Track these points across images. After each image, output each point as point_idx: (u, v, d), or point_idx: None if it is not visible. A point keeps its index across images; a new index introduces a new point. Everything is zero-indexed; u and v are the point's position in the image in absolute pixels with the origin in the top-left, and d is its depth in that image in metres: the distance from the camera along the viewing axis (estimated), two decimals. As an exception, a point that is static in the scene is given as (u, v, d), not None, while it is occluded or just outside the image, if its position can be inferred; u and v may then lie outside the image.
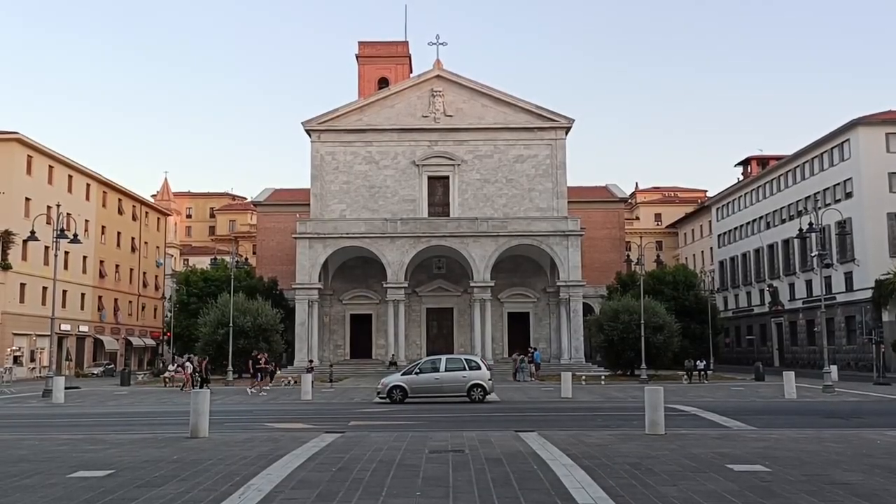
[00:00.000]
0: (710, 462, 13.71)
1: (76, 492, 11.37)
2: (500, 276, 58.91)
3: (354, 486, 11.64)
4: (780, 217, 73.04)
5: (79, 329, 70.03)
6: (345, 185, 61.97)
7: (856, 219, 58.89)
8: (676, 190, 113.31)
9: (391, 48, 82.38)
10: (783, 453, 14.78)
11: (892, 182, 59.44)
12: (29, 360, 62.81)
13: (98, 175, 74.23)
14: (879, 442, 16.47)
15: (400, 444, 16.28)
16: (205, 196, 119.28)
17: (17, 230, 57.05)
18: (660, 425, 18.17)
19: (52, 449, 16.21)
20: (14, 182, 60.57)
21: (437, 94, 62.52)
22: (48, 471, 13.25)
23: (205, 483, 11.98)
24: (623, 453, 14.85)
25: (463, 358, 34.57)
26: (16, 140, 61.42)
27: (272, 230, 71.34)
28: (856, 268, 60.53)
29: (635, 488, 11.36)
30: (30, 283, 61.60)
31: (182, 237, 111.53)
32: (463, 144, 62.32)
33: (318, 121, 62.34)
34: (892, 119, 61.05)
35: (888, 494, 10.93)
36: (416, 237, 57.68)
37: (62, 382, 35.65)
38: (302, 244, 57.75)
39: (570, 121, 62.53)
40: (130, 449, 16.13)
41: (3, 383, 45.46)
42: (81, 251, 66.93)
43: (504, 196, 61.78)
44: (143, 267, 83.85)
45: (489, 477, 12.26)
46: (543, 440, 16.48)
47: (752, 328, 79.89)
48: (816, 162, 67.06)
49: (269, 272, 66.95)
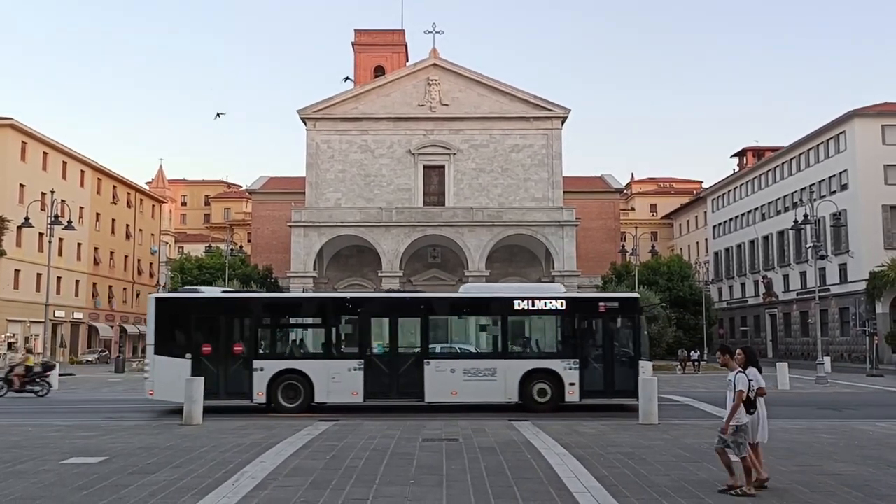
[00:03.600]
0: (703, 452, 13.77)
1: (70, 478, 11.37)
2: (495, 266, 58.93)
3: (348, 473, 11.66)
4: (775, 208, 73.09)
5: (73, 316, 69.93)
6: (340, 174, 61.87)
7: (851, 211, 58.97)
8: (672, 181, 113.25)
9: (387, 36, 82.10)
10: (776, 444, 14.81)
11: (888, 174, 59.47)
12: (23, 346, 62.69)
13: (93, 162, 73.97)
14: (872, 433, 16.56)
15: (394, 432, 16.31)
16: (200, 184, 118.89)
17: (11, 216, 56.82)
18: (653, 415, 18.25)
19: (45, 435, 16.20)
20: (8, 168, 60.31)
21: (433, 82, 62.37)
22: (42, 457, 13.25)
23: (198, 470, 12.00)
24: (616, 443, 14.90)
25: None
26: (10, 126, 61.11)
27: (267, 218, 71.19)
28: (850, 259, 60.66)
29: (628, 477, 11.41)
30: (24, 270, 61.45)
31: (177, 225, 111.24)
32: (459, 133, 62.22)
33: (313, 109, 62.17)
34: (888, 111, 61.06)
35: (880, 485, 11.00)
36: (412, 226, 57.63)
37: (56, 369, 35.55)
38: (297, 232, 57.68)
39: (566, 111, 62.47)
40: (124, 436, 16.14)
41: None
42: (76, 238, 66.77)
43: (499, 186, 61.76)
44: (137, 254, 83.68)
45: (483, 466, 12.29)
46: (537, 429, 16.53)
47: (746, 319, 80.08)
48: (812, 153, 67.08)
49: (264, 260, 66.84)
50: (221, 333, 22.48)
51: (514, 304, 22.41)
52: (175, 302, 23.75)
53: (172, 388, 20.80)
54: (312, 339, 23.48)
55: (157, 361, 21.95)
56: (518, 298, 22.57)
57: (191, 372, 20.88)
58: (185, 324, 22.76)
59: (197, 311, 23.09)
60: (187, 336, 22.46)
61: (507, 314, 22.57)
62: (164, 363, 21.79)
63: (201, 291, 24.62)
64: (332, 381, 21.69)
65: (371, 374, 21.75)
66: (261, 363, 21.75)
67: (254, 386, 21.64)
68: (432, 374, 21.74)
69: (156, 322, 22.32)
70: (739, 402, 10.32)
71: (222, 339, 22.27)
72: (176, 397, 20.42)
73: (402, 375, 21.96)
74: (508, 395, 21.80)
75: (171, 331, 22.57)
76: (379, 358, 22.09)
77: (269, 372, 21.62)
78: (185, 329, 22.70)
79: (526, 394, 21.70)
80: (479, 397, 21.84)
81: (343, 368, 21.75)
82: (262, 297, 28.22)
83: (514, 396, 21.79)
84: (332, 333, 22.67)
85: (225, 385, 21.81)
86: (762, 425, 10.85)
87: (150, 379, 22.00)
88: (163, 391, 21.67)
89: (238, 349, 22.29)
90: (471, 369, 21.86)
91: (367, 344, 22.44)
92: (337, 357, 22.18)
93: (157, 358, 21.99)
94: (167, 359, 21.80)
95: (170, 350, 22.00)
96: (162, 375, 21.65)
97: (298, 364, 22.02)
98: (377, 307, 23.75)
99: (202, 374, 20.52)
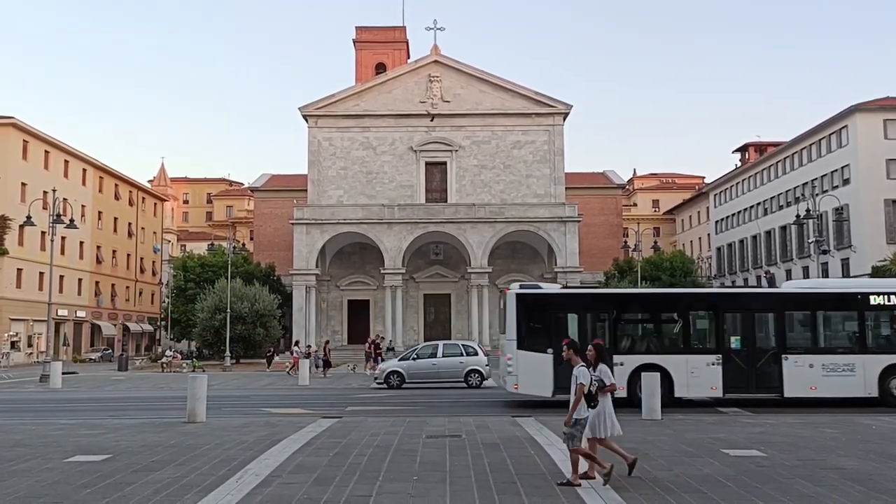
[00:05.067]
0: (705, 447, 13.77)
1: (73, 476, 11.39)
2: (497, 263, 58.95)
3: (351, 470, 11.67)
4: (777, 203, 72.99)
5: (76, 314, 70.03)
6: (342, 171, 61.87)
7: (853, 205, 58.85)
8: (674, 176, 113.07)
9: (388, 33, 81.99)
10: (779, 438, 14.84)
11: (890, 168, 59.36)
12: (26, 345, 62.87)
13: (94, 160, 74.01)
14: (875, 427, 16.53)
15: (397, 429, 16.32)
16: (202, 182, 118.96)
17: (13, 215, 56.91)
18: (656, 410, 18.25)
19: (49, 433, 16.22)
20: (10, 167, 60.34)
21: (435, 79, 62.33)
22: (45, 455, 13.27)
23: (202, 468, 12.01)
24: (619, 438, 14.88)
25: (460, 344, 34.60)
26: (11, 125, 61.15)
27: (269, 216, 71.21)
28: (853, 254, 60.57)
29: (631, 473, 11.40)
30: (26, 269, 61.53)
31: (179, 223, 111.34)
32: (460, 130, 62.19)
33: (315, 106, 62.15)
34: (891, 105, 60.90)
35: (883, 479, 10.99)
36: (414, 223, 57.64)
37: (59, 367, 35.62)
38: (299, 230, 57.70)
39: (567, 107, 62.39)
40: (128, 434, 16.15)
41: (1, 368, 45.49)
42: (78, 236, 66.83)
43: (502, 182, 61.74)
44: (140, 252, 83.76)
45: (486, 462, 12.30)
46: (540, 425, 16.54)
47: (749, 314, 79.90)
48: (814, 148, 66.96)
49: (267, 258, 66.88)
50: (581, 328, 22.37)
51: (870, 299, 22.39)
52: (535, 297, 23.32)
53: (537, 382, 21.30)
54: (670, 333, 23.34)
55: (519, 356, 21.98)
56: (875, 294, 22.56)
57: (553, 366, 21.08)
58: (544, 318, 22.69)
59: (556, 306, 23.14)
60: (547, 331, 22.36)
61: (864, 309, 22.48)
62: (526, 358, 21.84)
63: (541, 288, 24.59)
64: (690, 375, 21.67)
65: (729, 369, 21.75)
66: (621, 358, 21.55)
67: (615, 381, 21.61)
68: (791, 368, 21.66)
69: (516, 317, 22.31)
70: (581, 395, 10.55)
71: (581, 334, 22.01)
72: (541, 391, 21.28)
73: (760, 370, 22.00)
74: (868, 390, 21.70)
75: (531, 326, 22.52)
76: (736, 353, 22.08)
77: (629, 367, 21.45)
78: (545, 324, 22.60)
79: (884, 389, 21.61)
80: (838, 392, 21.73)
81: (701, 363, 21.77)
82: (622, 293, 28.38)
83: (873, 391, 21.68)
84: (690, 328, 22.91)
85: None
86: (608, 420, 10.97)
87: (513, 373, 22.02)
88: (527, 385, 21.82)
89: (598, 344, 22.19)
90: (829, 364, 21.76)
91: (725, 338, 22.42)
92: (695, 352, 22.23)
93: (519, 353, 22.00)
94: (530, 353, 21.85)
95: (532, 345, 22.01)
96: (525, 370, 21.76)
97: (658, 359, 21.83)
98: (734, 302, 23.77)
99: (563, 369, 20.85)
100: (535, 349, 21.81)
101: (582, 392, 10.55)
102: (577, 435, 10.63)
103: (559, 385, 20.87)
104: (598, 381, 10.81)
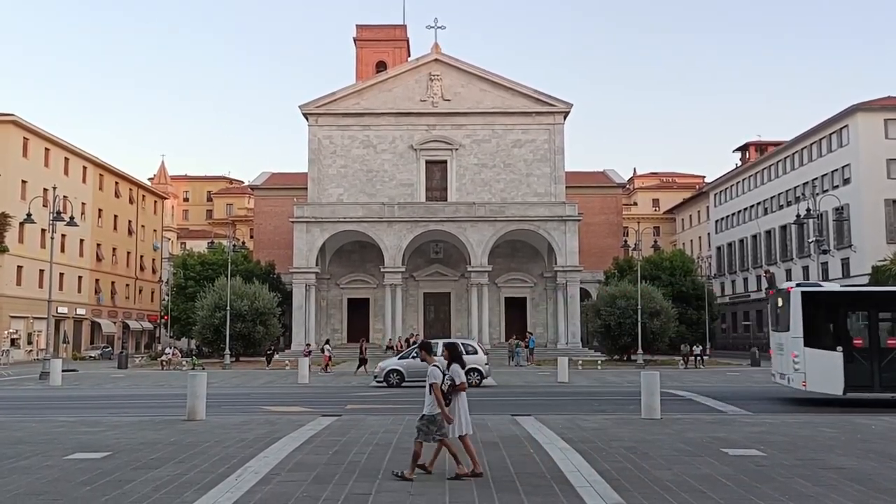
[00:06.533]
0: (705, 446, 13.77)
1: (73, 473, 11.39)
2: (497, 261, 58.95)
3: (351, 468, 11.68)
4: (777, 203, 73.02)
5: (76, 312, 70.04)
6: (342, 170, 61.86)
7: (853, 205, 58.88)
8: (674, 175, 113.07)
9: (389, 32, 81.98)
10: (778, 438, 14.83)
11: (891, 168, 59.40)
12: (26, 342, 62.88)
13: (95, 158, 74.00)
14: (874, 427, 16.52)
15: (396, 427, 16.32)
16: (202, 179, 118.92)
17: (13, 213, 56.92)
18: (656, 410, 18.23)
19: (49, 431, 16.21)
20: (10, 164, 60.34)
21: (436, 78, 62.31)
22: (45, 452, 13.27)
23: (201, 465, 12.01)
24: (619, 437, 14.90)
25: (460, 342, 34.61)
26: (12, 122, 61.13)
27: (269, 214, 71.23)
28: (853, 254, 60.60)
29: (631, 472, 11.42)
30: (27, 266, 61.54)
31: (179, 221, 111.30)
32: (461, 129, 62.17)
33: (315, 104, 62.14)
34: (891, 105, 60.96)
35: (882, 478, 10.99)
36: (414, 222, 57.64)
37: (59, 365, 35.62)
38: (299, 228, 57.71)
39: (568, 105, 62.38)
40: (127, 431, 16.16)
41: (1, 366, 45.49)
42: (78, 234, 66.85)
43: (502, 181, 61.73)
44: (140, 250, 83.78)
45: (485, 460, 12.28)
46: (540, 424, 16.53)
47: (749, 314, 79.99)
48: (815, 148, 66.99)
49: (267, 256, 66.89)
50: (873, 326, 22.51)
51: None
52: (823, 296, 23.56)
53: (826, 380, 21.44)
54: None
55: (807, 354, 22.05)
56: None
57: (843, 364, 21.33)
58: (832, 316, 22.81)
59: (844, 304, 23.20)
60: (835, 328, 22.55)
61: None
62: (814, 355, 21.92)
63: (821, 286, 24.85)
64: None
65: None
66: None
67: None
68: None
69: (803, 315, 22.39)
70: (439, 392, 10.84)
71: (874, 332, 22.24)
72: (831, 389, 21.49)
73: None
74: None
75: (818, 324, 22.60)
76: None
77: None
78: (835, 321, 22.74)
79: None
80: None
81: None
82: None
83: None
84: None
85: (879, 378, 21.83)
86: (462, 419, 11.19)
87: (800, 371, 22.13)
88: (816, 383, 21.92)
89: (893, 342, 22.30)
90: None
91: None
92: None
93: (807, 350, 22.08)
94: (818, 351, 21.95)
95: (819, 342, 22.12)
96: (814, 367, 21.86)
97: None
98: None
99: (855, 367, 21.15)
100: (824, 346, 22.01)
101: (437, 390, 10.84)
102: (427, 430, 10.85)
103: (850, 383, 21.29)
104: (451, 381, 11.12)
